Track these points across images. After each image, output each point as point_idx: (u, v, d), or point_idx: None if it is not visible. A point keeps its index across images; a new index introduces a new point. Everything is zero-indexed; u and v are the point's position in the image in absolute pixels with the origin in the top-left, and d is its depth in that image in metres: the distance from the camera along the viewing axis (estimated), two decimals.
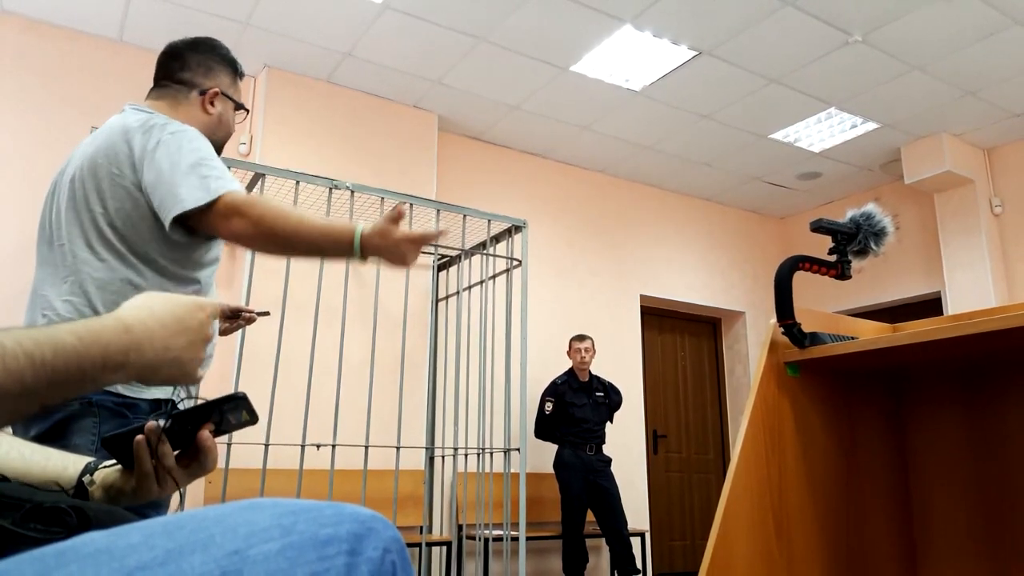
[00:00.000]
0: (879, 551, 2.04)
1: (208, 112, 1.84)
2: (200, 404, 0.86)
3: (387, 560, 0.62)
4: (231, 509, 0.61)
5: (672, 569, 6.50)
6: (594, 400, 5.25)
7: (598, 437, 5.18)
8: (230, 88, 1.89)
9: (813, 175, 6.63)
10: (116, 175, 1.61)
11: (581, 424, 5.13)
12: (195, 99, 1.83)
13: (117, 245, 1.61)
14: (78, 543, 0.54)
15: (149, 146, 1.61)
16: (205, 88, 1.83)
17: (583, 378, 5.30)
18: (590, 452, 5.10)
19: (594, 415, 5.20)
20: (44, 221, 1.73)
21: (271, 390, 3.37)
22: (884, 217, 1.94)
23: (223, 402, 0.86)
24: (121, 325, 0.72)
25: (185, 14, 4.39)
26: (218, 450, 0.92)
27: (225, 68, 1.89)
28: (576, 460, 5.04)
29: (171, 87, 1.83)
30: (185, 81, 1.83)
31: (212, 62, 1.86)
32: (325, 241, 1.57)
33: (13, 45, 4.43)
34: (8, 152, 4.30)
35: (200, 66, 1.84)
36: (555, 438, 5.18)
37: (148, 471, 0.86)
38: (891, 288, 6.63)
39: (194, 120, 1.80)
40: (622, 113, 5.59)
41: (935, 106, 5.43)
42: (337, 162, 5.05)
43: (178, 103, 1.82)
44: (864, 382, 2.13)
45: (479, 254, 4.46)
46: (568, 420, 5.14)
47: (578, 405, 5.17)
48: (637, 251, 6.69)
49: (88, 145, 1.69)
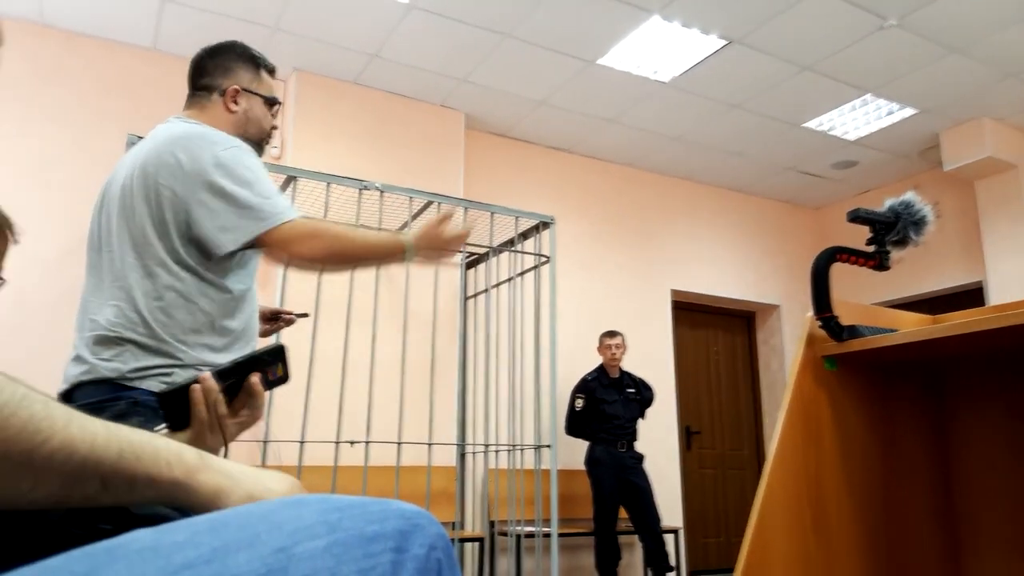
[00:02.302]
0: (920, 548, 1.99)
1: (231, 110, 1.86)
2: (246, 356, 0.95)
3: (432, 557, 0.62)
4: (276, 506, 0.60)
5: (707, 566, 6.44)
6: (625, 396, 5.22)
7: (629, 434, 5.15)
8: (252, 83, 1.90)
9: (848, 164, 6.51)
10: (162, 185, 1.64)
11: (612, 421, 5.10)
12: (217, 100, 1.86)
13: (162, 254, 1.64)
14: (126, 540, 0.54)
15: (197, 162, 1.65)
16: (224, 88, 1.86)
17: (613, 374, 5.27)
18: (622, 449, 5.07)
19: (625, 411, 5.17)
20: (93, 228, 1.77)
21: (305, 389, 3.40)
22: (924, 205, 1.88)
23: (266, 353, 0.94)
24: None
25: (216, 20, 4.44)
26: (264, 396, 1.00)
27: (244, 65, 1.90)
28: (608, 457, 5.01)
29: (196, 95, 1.87)
30: (206, 86, 1.87)
31: (229, 62, 1.89)
32: (383, 252, 1.77)
33: (52, 56, 4.52)
34: (49, 160, 4.39)
35: (217, 68, 1.87)
36: (586, 435, 5.16)
37: (204, 418, 0.90)
38: (931, 279, 6.50)
39: (221, 121, 1.83)
40: (650, 105, 5.54)
41: (975, 90, 5.30)
42: (366, 162, 5.08)
43: (204, 108, 1.85)
44: (904, 376, 2.08)
45: (507, 251, 4.45)
46: (599, 417, 5.11)
47: (609, 401, 5.14)
48: (667, 245, 6.63)
49: (136, 155, 1.72)
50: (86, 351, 1.60)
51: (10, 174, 4.27)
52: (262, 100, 1.91)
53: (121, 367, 1.56)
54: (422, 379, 4.33)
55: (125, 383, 1.55)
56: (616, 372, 5.29)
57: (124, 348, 1.57)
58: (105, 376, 1.55)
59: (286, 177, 3.83)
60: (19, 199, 4.15)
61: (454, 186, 5.36)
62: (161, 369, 1.58)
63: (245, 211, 1.62)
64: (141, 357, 1.57)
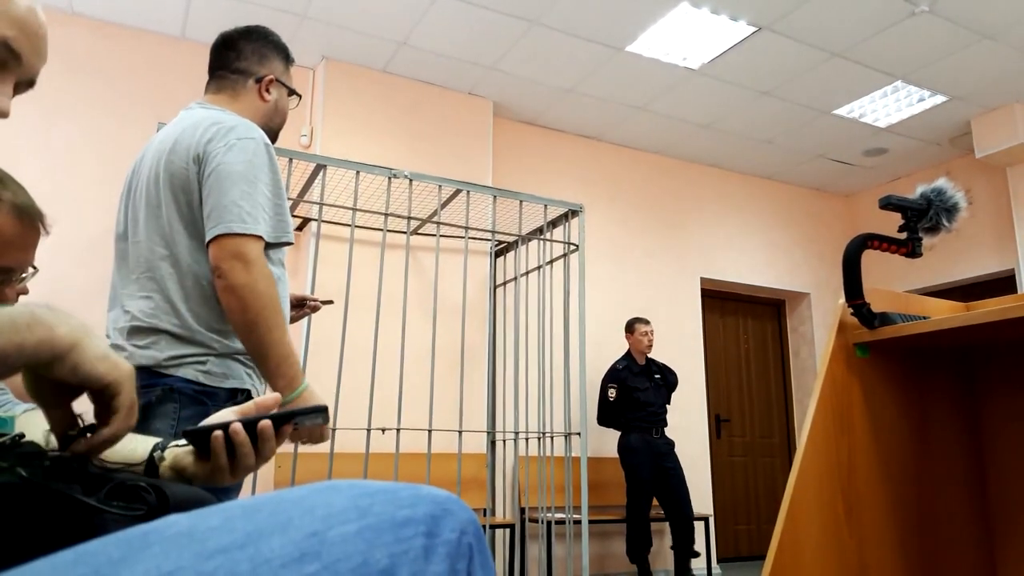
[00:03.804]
0: (953, 535, 1.99)
1: (265, 99, 1.86)
2: (284, 412, 0.90)
3: (463, 542, 0.62)
4: (309, 491, 0.61)
5: (737, 554, 6.43)
6: (654, 383, 5.23)
7: (662, 420, 5.17)
8: (283, 75, 1.91)
9: (879, 151, 6.42)
10: (184, 170, 1.65)
11: (646, 408, 5.11)
12: (252, 87, 1.85)
13: (190, 243, 1.64)
14: (161, 525, 0.55)
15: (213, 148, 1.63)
16: (261, 76, 1.86)
17: (641, 361, 5.29)
18: (656, 436, 5.09)
19: (656, 398, 5.19)
20: (120, 218, 1.78)
21: (337, 376, 3.44)
22: (956, 192, 1.87)
23: (307, 410, 0.90)
24: None
25: (244, 8, 4.48)
26: None
27: (278, 55, 1.91)
28: (643, 444, 5.03)
29: (228, 77, 1.86)
30: (241, 70, 1.85)
31: (266, 49, 1.89)
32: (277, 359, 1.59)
33: (83, 45, 4.59)
34: (81, 148, 4.46)
35: (255, 54, 1.87)
36: (619, 424, 5.17)
37: (223, 466, 0.89)
38: (962, 266, 6.40)
39: (252, 108, 1.83)
40: (680, 92, 5.50)
41: (1007, 76, 5.20)
42: (395, 151, 5.10)
43: (237, 93, 1.84)
44: (936, 363, 2.07)
45: (536, 239, 4.46)
46: (633, 405, 5.12)
47: (641, 389, 5.16)
48: (697, 233, 6.60)
49: (162, 142, 1.72)
50: (121, 339, 1.62)
51: (40, 164, 4.34)
52: (287, 92, 1.93)
53: (157, 355, 1.59)
54: (452, 367, 4.36)
55: (161, 371, 1.58)
56: (643, 359, 5.29)
57: (159, 337, 1.60)
58: (141, 364, 1.58)
59: (315, 166, 3.86)
60: (50, 189, 4.22)
61: (483, 174, 5.37)
62: (196, 357, 1.61)
63: (222, 206, 1.59)
64: (176, 346, 1.60)
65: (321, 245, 3.87)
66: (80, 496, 0.68)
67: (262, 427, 0.89)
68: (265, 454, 0.91)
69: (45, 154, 4.38)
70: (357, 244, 4.07)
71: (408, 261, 3.81)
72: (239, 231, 1.57)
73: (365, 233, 4.69)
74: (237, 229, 1.57)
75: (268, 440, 0.90)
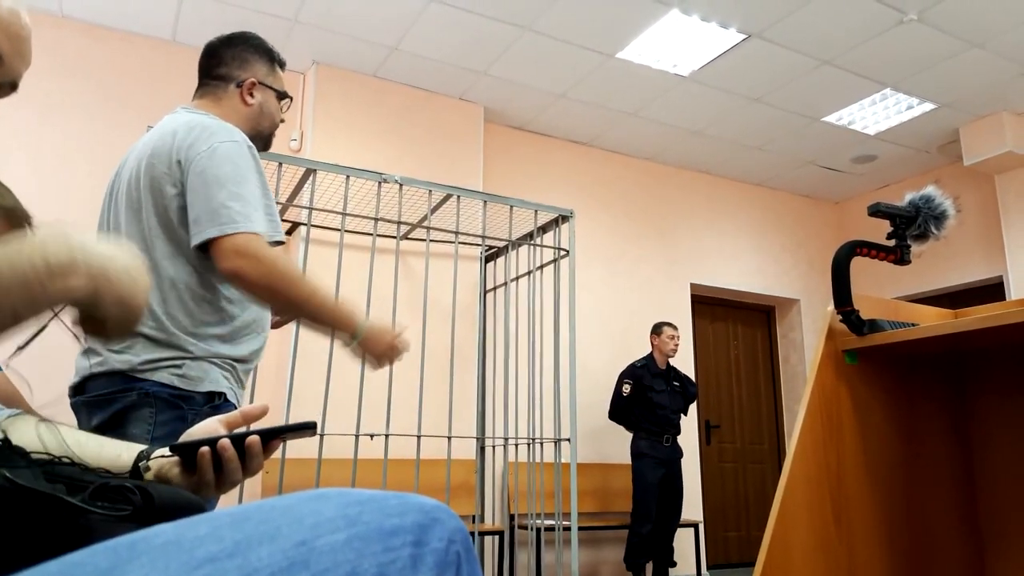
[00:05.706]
0: (942, 541, 1.99)
1: (247, 103, 1.85)
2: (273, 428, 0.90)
3: (452, 551, 0.63)
4: (297, 499, 0.61)
5: (727, 560, 6.43)
6: (671, 388, 5.21)
7: (675, 426, 5.14)
8: (268, 77, 1.89)
9: (868, 158, 6.46)
10: (165, 176, 1.63)
11: (657, 411, 5.09)
12: (233, 91, 1.85)
13: (169, 247, 1.63)
14: (149, 535, 0.55)
15: (194, 152, 1.62)
16: (242, 80, 1.85)
17: (662, 365, 5.27)
18: (666, 444, 5.07)
19: (671, 402, 5.16)
20: (102, 221, 1.77)
21: (325, 381, 3.42)
22: (944, 200, 1.88)
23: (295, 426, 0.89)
24: None
25: (235, 13, 4.47)
26: None
27: (260, 57, 1.89)
28: (653, 452, 5.02)
29: (211, 84, 1.86)
30: (222, 75, 1.85)
31: (247, 53, 1.87)
32: (329, 319, 1.68)
33: (73, 48, 4.57)
34: (71, 152, 4.43)
35: (235, 59, 1.86)
36: (629, 423, 5.16)
37: (210, 481, 0.88)
38: (951, 273, 6.44)
39: (236, 113, 1.82)
40: (670, 99, 5.52)
41: (995, 84, 5.25)
42: (385, 155, 5.09)
43: (219, 98, 1.84)
44: (925, 370, 2.08)
45: (526, 245, 4.46)
46: (646, 405, 5.10)
47: (657, 390, 5.13)
48: (687, 239, 6.61)
49: (144, 145, 1.71)
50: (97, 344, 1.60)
51: (30, 166, 4.31)
52: (275, 94, 1.91)
53: (132, 359, 1.57)
54: (441, 372, 4.35)
55: (136, 375, 1.57)
56: (664, 364, 5.28)
57: (135, 341, 1.58)
58: (117, 368, 1.56)
59: (305, 170, 3.85)
60: (39, 191, 4.20)
61: (473, 179, 5.37)
62: (171, 361, 1.59)
63: (211, 210, 1.57)
64: (152, 350, 1.58)
65: (311, 250, 3.86)
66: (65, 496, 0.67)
67: (250, 443, 0.88)
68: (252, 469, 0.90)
69: (35, 156, 4.36)
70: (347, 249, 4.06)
71: (398, 266, 3.80)
72: (231, 231, 1.56)
73: (355, 238, 4.68)
74: (229, 230, 1.56)
75: (256, 456, 0.89)
